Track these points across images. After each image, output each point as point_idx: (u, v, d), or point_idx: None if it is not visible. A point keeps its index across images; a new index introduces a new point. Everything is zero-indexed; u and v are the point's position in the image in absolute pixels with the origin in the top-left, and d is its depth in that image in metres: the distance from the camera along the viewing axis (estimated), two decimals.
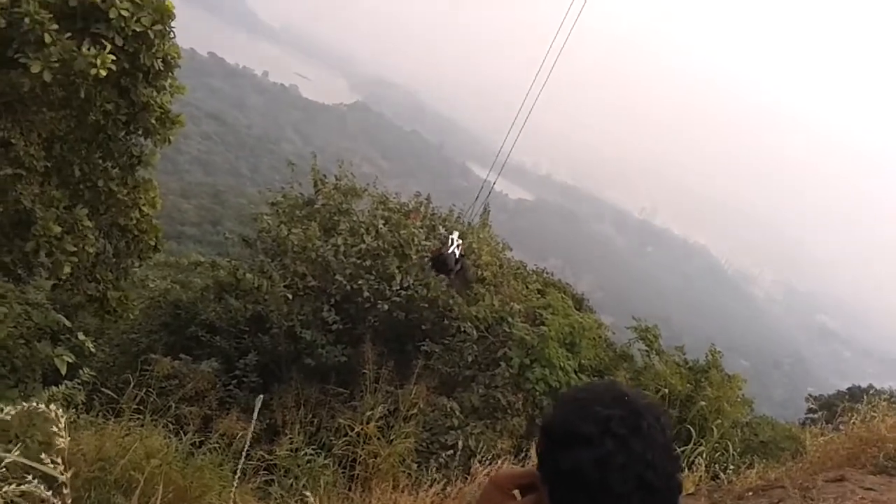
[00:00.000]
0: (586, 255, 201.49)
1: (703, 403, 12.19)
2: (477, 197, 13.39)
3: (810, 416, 24.27)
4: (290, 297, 14.91)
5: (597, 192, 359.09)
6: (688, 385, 13.02)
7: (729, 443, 9.59)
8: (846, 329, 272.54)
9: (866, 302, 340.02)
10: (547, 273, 20.35)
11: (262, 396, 9.23)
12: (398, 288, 14.89)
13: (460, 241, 12.73)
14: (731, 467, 7.90)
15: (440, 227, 18.21)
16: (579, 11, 10.57)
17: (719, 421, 11.57)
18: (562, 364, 12.64)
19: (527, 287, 16.89)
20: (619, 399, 1.52)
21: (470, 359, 13.50)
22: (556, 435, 1.49)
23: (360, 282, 14.79)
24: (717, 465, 8.03)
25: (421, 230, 16.62)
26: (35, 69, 8.17)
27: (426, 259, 13.55)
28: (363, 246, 15.45)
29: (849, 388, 32.67)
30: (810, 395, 31.79)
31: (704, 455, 8.08)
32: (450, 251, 12.47)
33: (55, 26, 8.27)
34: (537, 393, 12.42)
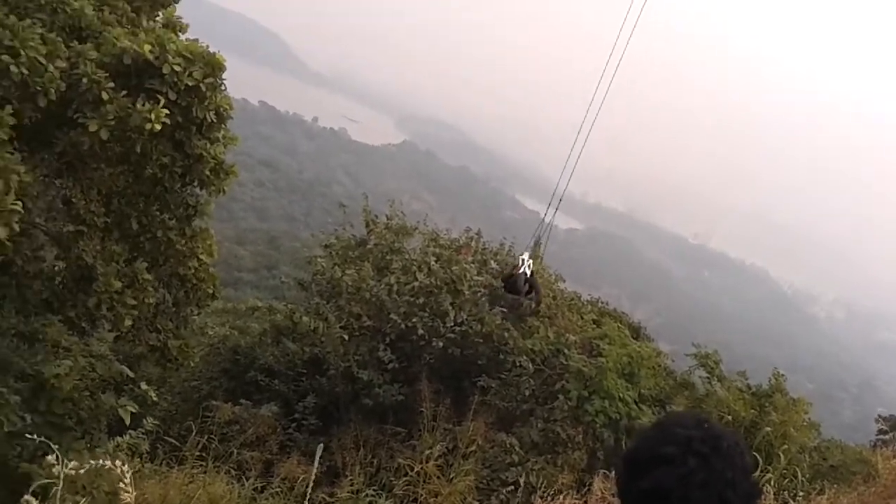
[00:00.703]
0: (641, 283, 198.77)
1: (768, 429, 11.84)
2: (535, 234, 13.40)
3: (881, 437, 23.37)
4: (345, 337, 14.98)
5: (648, 219, 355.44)
6: (752, 411, 12.66)
7: (797, 469, 9.31)
8: None
9: None
10: (602, 303, 20.09)
11: (321, 444, 9.27)
12: (452, 324, 14.86)
13: (531, 262, 12.64)
14: (801, 494, 7.66)
15: (492, 262, 18.20)
16: (627, 39, 10.57)
17: (786, 446, 11.22)
18: (621, 395, 12.43)
19: (582, 318, 16.70)
20: (700, 423, 1.53)
21: (527, 392, 13.36)
22: (638, 460, 1.51)
23: (414, 320, 14.81)
24: (786, 493, 7.80)
25: (473, 265, 16.60)
26: (93, 128, 8.48)
27: (498, 282, 13.56)
28: (416, 284, 15.49)
29: None
30: (880, 416, 30.60)
31: (772, 482, 7.85)
32: (520, 272, 12.45)
33: (111, 84, 8.58)
34: (597, 425, 12.22)
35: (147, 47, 8.68)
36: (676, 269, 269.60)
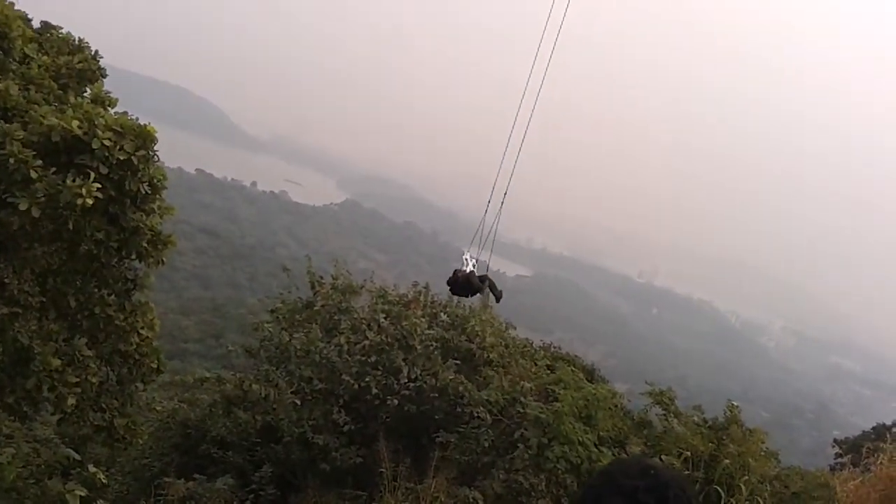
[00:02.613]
0: (592, 325, 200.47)
1: (727, 462, 11.90)
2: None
3: (839, 461, 23.73)
4: (298, 403, 14.72)
5: (594, 261, 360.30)
6: (710, 444, 12.73)
7: (759, 499, 9.34)
8: (863, 368, 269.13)
9: (879, 338, 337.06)
10: (554, 347, 20.19)
11: None
12: (406, 381, 14.71)
13: (475, 259, 12.46)
14: None
15: (442, 314, 18.16)
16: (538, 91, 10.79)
17: (746, 477, 11.29)
18: (580, 439, 12.38)
19: (535, 364, 16.71)
20: (646, 472, 1.51)
21: (487, 444, 13.23)
22: None
23: (367, 379, 14.62)
24: None
25: (423, 319, 16.55)
26: (23, 206, 8.28)
27: (448, 285, 13.15)
28: (366, 342, 15.34)
29: (873, 427, 32.07)
30: (835, 440, 31.15)
31: None
32: (468, 270, 12.28)
33: (39, 162, 8.42)
34: (559, 472, 12.13)
35: (75, 123, 8.55)
36: (625, 308, 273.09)
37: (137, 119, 9.64)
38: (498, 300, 13.64)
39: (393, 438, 13.63)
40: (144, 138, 9.11)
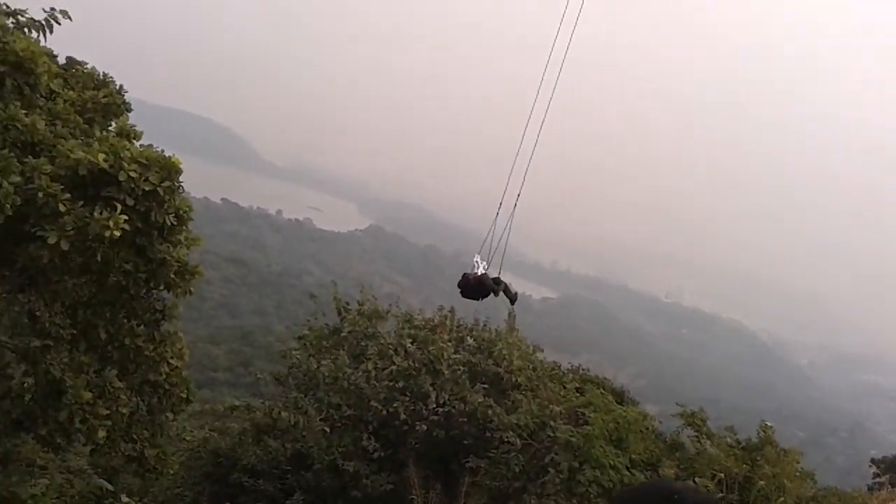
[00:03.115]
0: (621, 347, 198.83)
1: (762, 483, 11.66)
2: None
3: (877, 480, 23.21)
4: (327, 430, 14.69)
5: (620, 282, 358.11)
6: (744, 466, 12.49)
7: None
8: None
9: None
10: (583, 370, 19.99)
11: None
12: (434, 406, 14.64)
13: (486, 263, 12.16)
14: None
15: (468, 338, 18.08)
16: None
17: (783, 499, 11.06)
18: (612, 462, 12.20)
19: (564, 387, 16.55)
20: (668, 499, 1.45)
21: (517, 469, 13.09)
22: None
23: (395, 405, 14.57)
24: None
25: (449, 343, 16.50)
26: (52, 240, 8.36)
27: (458, 288, 12.83)
28: (393, 368, 15.31)
29: None
30: (873, 460, 30.47)
31: None
32: (480, 272, 12.00)
33: (67, 196, 8.51)
34: (591, 496, 11.95)
35: (101, 156, 8.64)
36: (653, 329, 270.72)
37: (162, 151, 9.73)
38: (513, 302, 13.18)
39: (423, 464, 13.55)
40: (169, 169, 9.18)
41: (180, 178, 9.58)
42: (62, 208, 8.44)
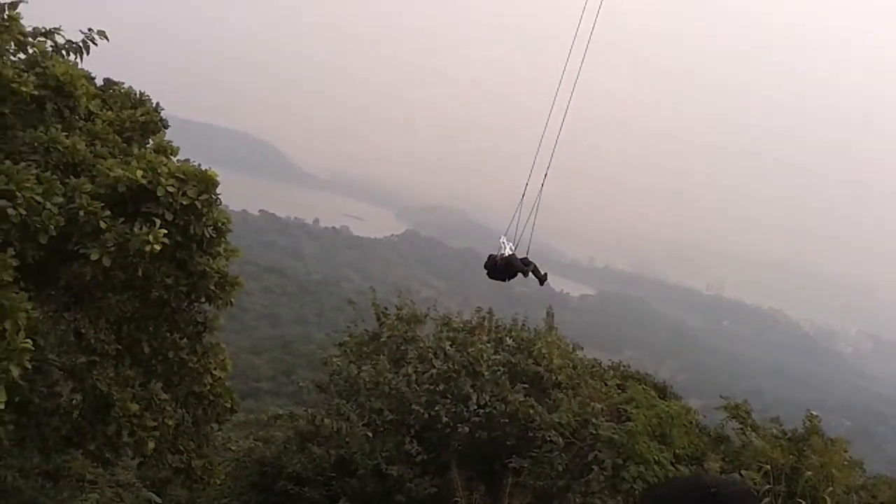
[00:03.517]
0: (661, 341, 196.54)
1: (809, 473, 11.50)
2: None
3: None
4: (370, 435, 14.79)
5: (659, 276, 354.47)
6: (790, 457, 12.32)
7: None
8: None
9: None
10: (624, 366, 19.84)
11: None
12: (475, 408, 14.67)
13: (512, 244, 11.98)
14: None
15: (507, 339, 18.07)
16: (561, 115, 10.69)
17: (831, 489, 10.89)
18: (656, 458, 12.13)
19: (605, 384, 16.47)
20: (703, 492, 1.46)
21: (560, 468, 13.06)
22: None
23: (436, 408, 14.63)
24: None
25: (489, 345, 16.52)
26: (94, 256, 8.57)
27: (485, 269, 12.62)
28: (434, 371, 15.38)
29: None
30: None
31: None
32: (507, 253, 11.86)
33: (107, 213, 8.72)
34: (636, 493, 11.88)
35: (140, 173, 8.84)
36: (694, 322, 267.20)
37: (199, 165, 9.91)
38: (542, 283, 12.94)
39: (466, 466, 13.57)
40: (207, 183, 9.35)
41: (217, 191, 9.75)
42: (103, 225, 8.65)
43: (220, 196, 9.82)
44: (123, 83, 12.38)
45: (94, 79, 11.94)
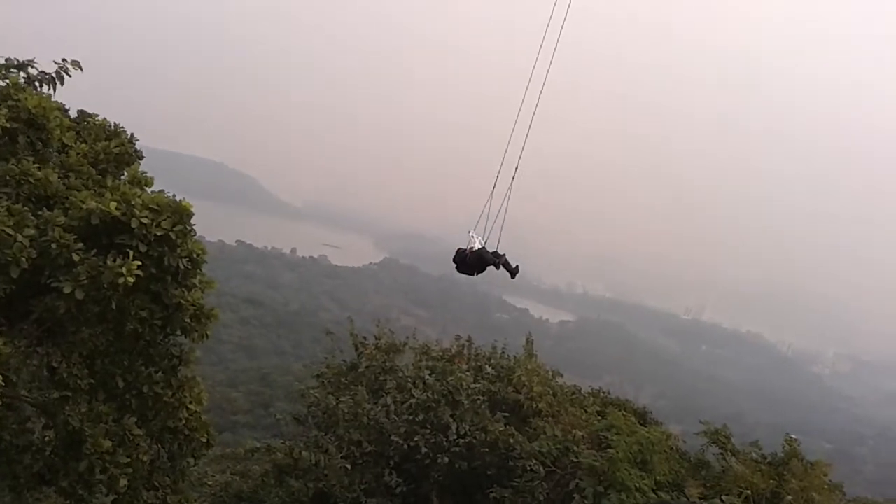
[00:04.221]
0: (641, 367, 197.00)
1: (789, 498, 11.51)
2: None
3: None
4: (349, 467, 14.61)
5: (637, 301, 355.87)
6: (771, 481, 12.35)
7: None
8: None
9: None
10: (604, 392, 19.86)
11: None
12: (455, 437, 14.56)
13: (482, 238, 11.83)
14: None
15: (487, 367, 18.02)
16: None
17: None
18: (637, 485, 12.09)
19: (585, 411, 16.45)
20: None
21: (542, 497, 12.99)
22: None
23: (416, 438, 14.50)
24: None
25: (468, 373, 16.45)
26: (67, 290, 8.46)
27: (454, 263, 12.39)
28: (413, 401, 15.27)
29: None
30: None
31: None
32: (476, 248, 11.74)
33: (80, 245, 8.63)
34: None
35: (113, 205, 8.77)
36: (674, 346, 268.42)
37: (174, 196, 9.84)
38: (513, 276, 12.79)
39: (446, 498, 13.45)
40: (181, 214, 9.28)
41: (193, 222, 9.68)
42: (76, 258, 8.56)
43: (195, 227, 9.75)
44: (98, 115, 12.32)
45: (67, 110, 11.88)
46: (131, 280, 8.51)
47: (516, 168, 11.93)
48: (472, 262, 11.75)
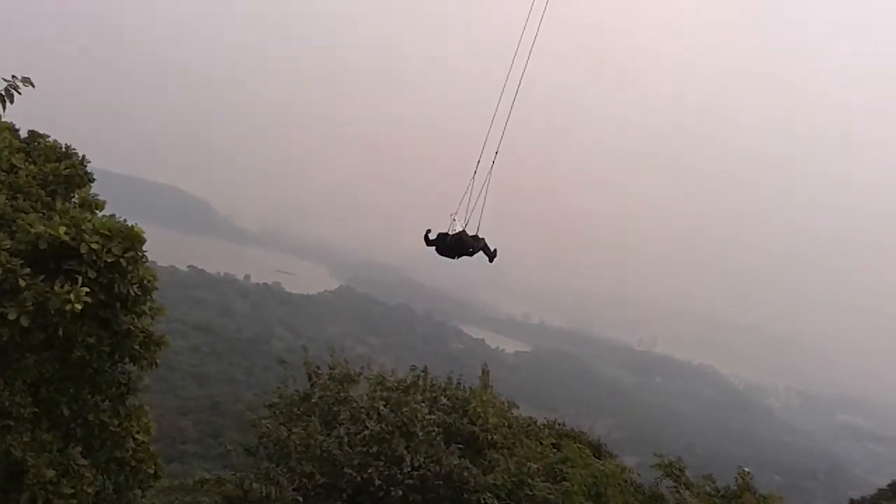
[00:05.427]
0: (596, 398, 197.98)
1: None
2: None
3: None
4: (300, 500, 14.32)
5: (592, 332, 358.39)
6: None
7: None
8: (872, 423, 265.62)
9: (885, 392, 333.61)
10: (559, 424, 19.86)
11: None
12: (409, 470, 14.39)
13: (462, 221, 11.99)
14: None
15: (442, 398, 17.89)
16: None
17: None
18: None
19: (541, 443, 16.42)
20: None
21: None
22: None
23: (369, 470, 14.30)
24: None
25: (423, 404, 16.31)
26: (12, 316, 8.22)
27: (431, 244, 12.47)
28: (367, 432, 15.07)
29: (889, 485, 31.40)
30: (851, 500, 30.46)
31: None
32: (458, 229, 11.90)
33: (27, 270, 8.39)
34: None
35: (62, 229, 8.57)
36: (628, 378, 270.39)
37: (126, 220, 9.65)
38: (492, 259, 12.92)
39: None
40: (132, 240, 9.10)
41: (144, 248, 9.50)
42: (22, 283, 8.33)
43: (146, 253, 9.58)
44: (49, 136, 12.06)
45: (17, 130, 11.61)
46: (79, 307, 8.30)
47: (496, 153, 12.14)
48: (451, 243, 11.95)
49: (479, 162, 11.97)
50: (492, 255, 12.87)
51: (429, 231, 12.38)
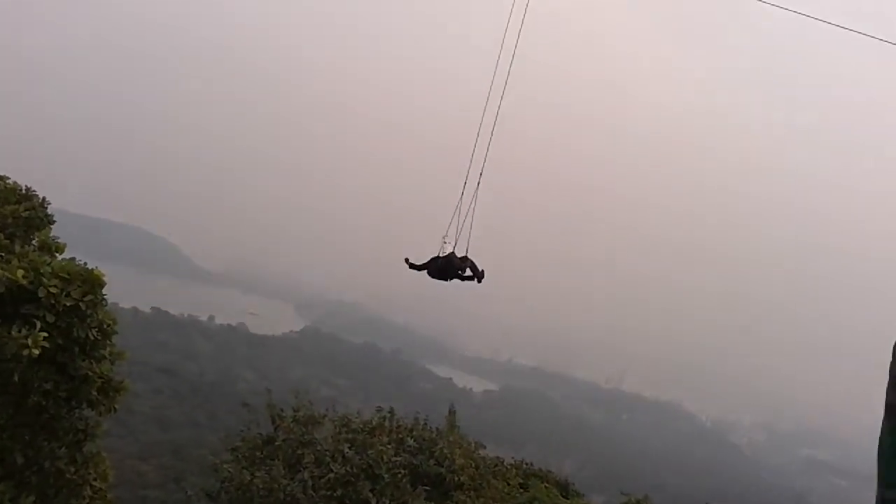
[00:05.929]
0: (564, 436, 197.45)
1: None
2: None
3: None
4: None
5: (560, 370, 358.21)
6: None
7: None
8: (835, 457, 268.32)
9: (848, 426, 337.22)
10: (526, 464, 19.79)
11: None
12: None
13: (452, 243, 12.15)
14: None
15: (409, 439, 17.75)
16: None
17: None
18: None
19: (508, 484, 16.33)
20: None
21: None
22: None
23: None
24: None
25: (389, 445, 16.17)
26: None
27: (421, 269, 12.55)
28: (331, 475, 14.89)
29: None
30: None
31: None
32: (447, 253, 12.01)
33: None
34: None
35: (20, 273, 8.43)
36: (596, 416, 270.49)
37: (86, 263, 9.53)
38: (479, 280, 13.02)
39: None
40: (92, 283, 8.99)
41: (105, 290, 9.38)
42: None
43: (106, 296, 9.45)
44: (8, 177, 11.92)
45: None
46: (36, 352, 8.14)
47: (480, 174, 12.47)
48: (442, 265, 12.09)
49: (465, 183, 12.31)
50: (480, 276, 13.04)
51: (407, 259, 12.55)
